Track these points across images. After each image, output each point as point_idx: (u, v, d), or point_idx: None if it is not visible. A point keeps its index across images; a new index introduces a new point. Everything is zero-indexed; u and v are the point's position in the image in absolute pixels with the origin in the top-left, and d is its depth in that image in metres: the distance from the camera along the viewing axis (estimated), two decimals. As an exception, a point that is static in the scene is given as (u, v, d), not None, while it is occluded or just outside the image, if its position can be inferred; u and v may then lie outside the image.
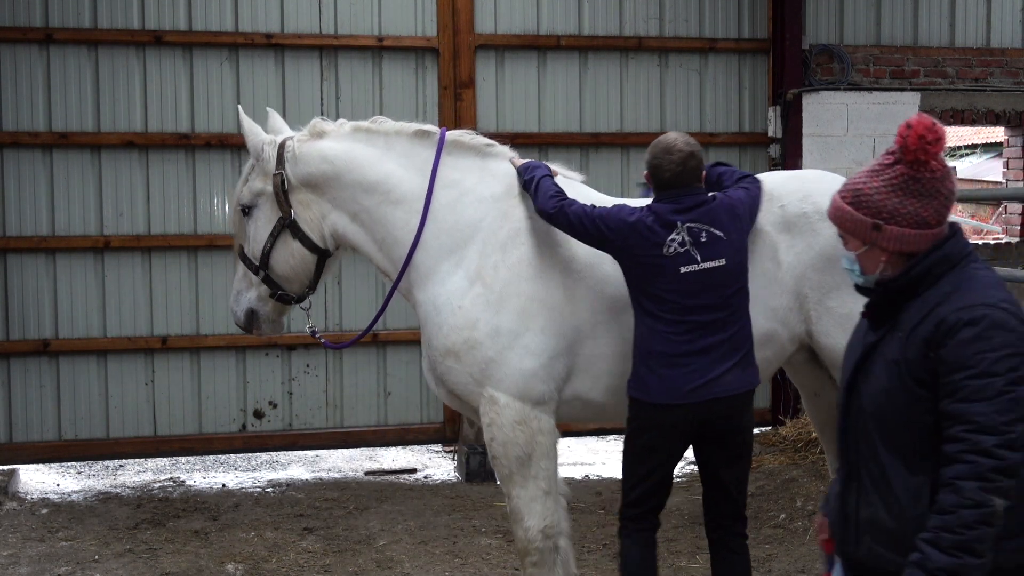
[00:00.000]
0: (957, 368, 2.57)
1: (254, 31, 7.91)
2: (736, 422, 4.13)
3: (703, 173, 4.17)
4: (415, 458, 8.65)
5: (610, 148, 8.46)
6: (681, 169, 4.05)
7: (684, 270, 4.01)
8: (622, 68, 8.47)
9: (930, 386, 2.63)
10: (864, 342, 2.84)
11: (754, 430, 4.88)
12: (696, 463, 4.32)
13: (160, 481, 7.86)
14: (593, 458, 8.62)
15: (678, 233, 4.03)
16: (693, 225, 4.04)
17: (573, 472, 8.02)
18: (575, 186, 4.51)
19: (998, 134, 15.22)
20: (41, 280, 7.73)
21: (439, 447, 8.77)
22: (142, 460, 8.32)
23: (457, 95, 8.14)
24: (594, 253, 4.30)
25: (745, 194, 4.28)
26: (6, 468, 7.66)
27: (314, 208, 4.52)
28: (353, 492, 7.49)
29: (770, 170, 6.92)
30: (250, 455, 8.51)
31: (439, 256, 4.41)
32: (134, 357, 7.85)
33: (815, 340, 4.53)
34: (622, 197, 4.66)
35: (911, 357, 2.66)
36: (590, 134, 8.40)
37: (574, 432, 8.23)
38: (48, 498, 7.37)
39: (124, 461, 8.31)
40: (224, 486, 7.74)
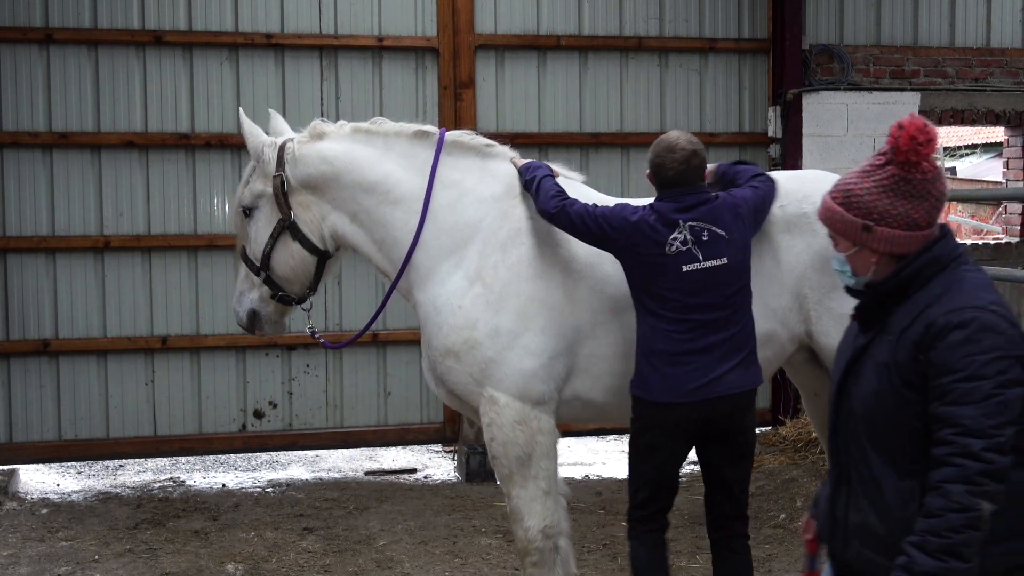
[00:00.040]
0: (946, 371, 2.55)
1: (254, 31, 7.91)
2: (739, 421, 4.13)
3: (706, 172, 4.17)
4: (415, 458, 8.65)
5: (610, 148, 8.45)
6: (684, 168, 4.05)
7: (686, 269, 4.01)
8: (622, 68, 8.47)
9: (919, 389, 2.61)
10: (854, 344, 2.83)
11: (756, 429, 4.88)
12: (699, 462, 4.32)
13: (160, 481, 7.86)
14: (593, 458, 8.62)
15: (680, 232, 4.02)
16: (695, 224, 4.03)
17: (573, 472, 8.02)
18: (576, 186, 4.51)
19: (998, 134, 15.20)
20: (41, 280, 7.73)
21: (439, 447, 8.77)
22: (142, 460, 8.32)
23: (457, 95, 8.14)
24: (594, 253, 4.30)
25: (752, 192, 4.26)
26: (6, 468, 7.66)
27: (314, 209, 4.52)
28: (353, 492, 7.49)
29: (770, 170, 6.90)
30: (250, 455, 8.51)
31: (439, 256, 4.41)
32: (134, 357, 7.85)
33: (815, 340, 4.53)
34: (622, 197, 4.66)
35: (901, 360, 2.65)
36: (590, 134, 8.40)
37: (574, 432, 8.23)
38: (48, 498, 7.37)
39: (124, 461, 8.30)
40: (224, 486, 7.73)
